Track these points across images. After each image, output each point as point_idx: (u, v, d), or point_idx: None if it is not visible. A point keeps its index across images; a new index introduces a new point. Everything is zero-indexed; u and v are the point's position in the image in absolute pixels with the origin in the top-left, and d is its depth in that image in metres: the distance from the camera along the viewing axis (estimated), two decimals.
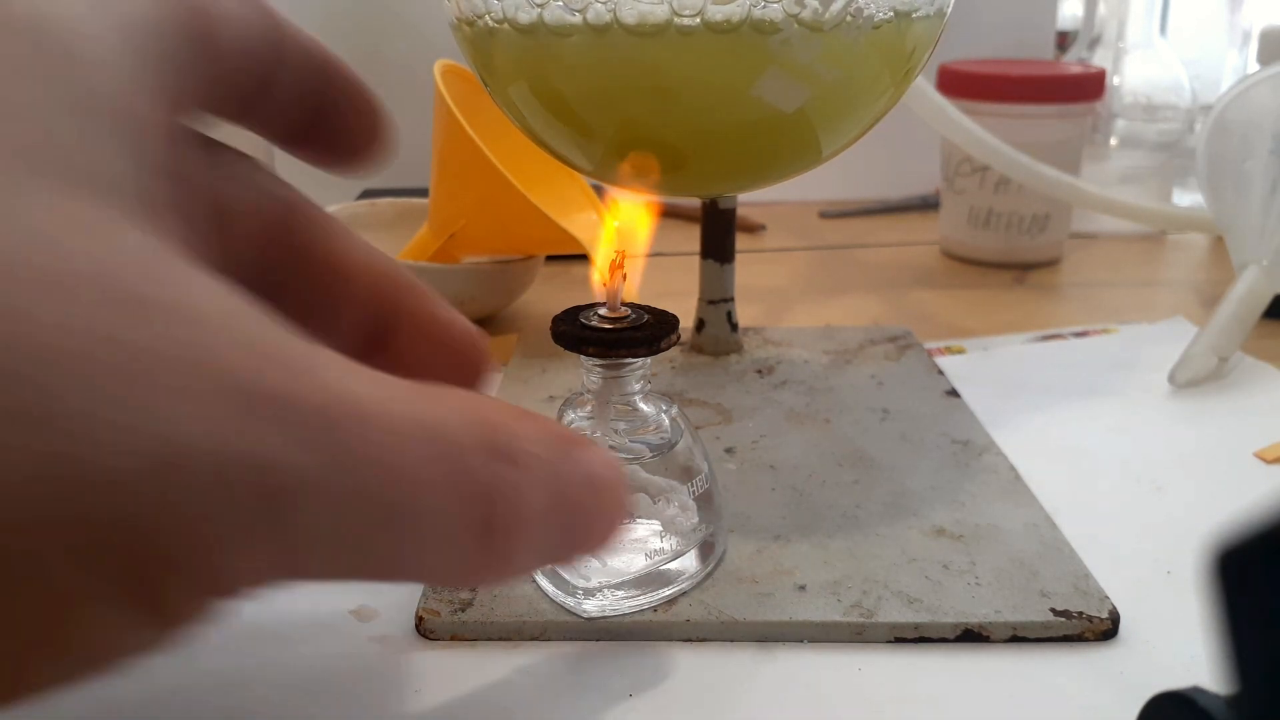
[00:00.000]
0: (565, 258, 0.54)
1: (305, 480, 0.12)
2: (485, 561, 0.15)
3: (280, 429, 0.12)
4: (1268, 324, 0.42)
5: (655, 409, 0.24)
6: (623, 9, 0.24)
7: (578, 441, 0.17)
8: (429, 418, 0.14)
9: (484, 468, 0.14)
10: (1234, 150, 0.41)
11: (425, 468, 0.13)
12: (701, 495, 0.24)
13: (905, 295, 0.50)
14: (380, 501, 0.13)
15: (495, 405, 0.15)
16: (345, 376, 0.13)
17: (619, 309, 0.23)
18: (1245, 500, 0.29)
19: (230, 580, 0.12)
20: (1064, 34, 0.75)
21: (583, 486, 0.16)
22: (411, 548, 0.14)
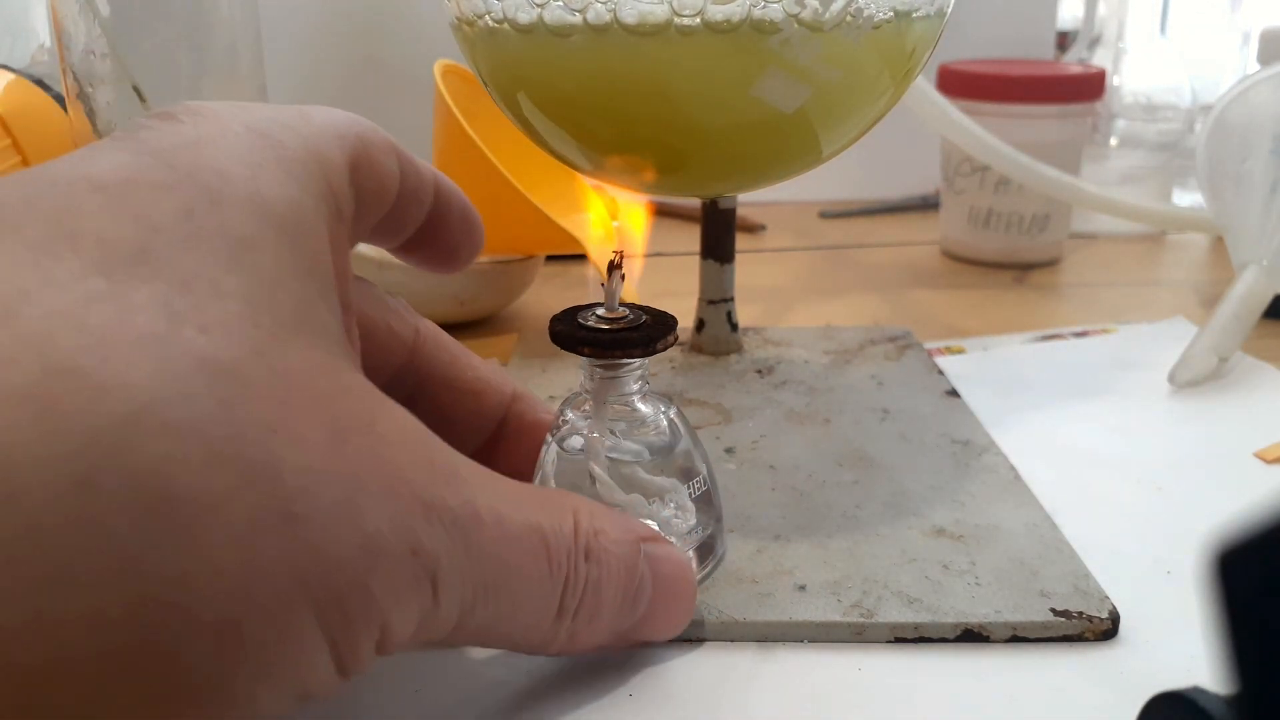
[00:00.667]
0: (565, 258, 0.54)
1: (449, 565, 0.16)
2: (560, 639, 0.19)
3: (439, 528, 0.16)
4: (1268, 324, 0.42)
5: (654, 409, 0.24)
6: (623, 9, 0.24)
7: (652, 539, 0.21)
8: (534, 522, 0.18)
9: (570, 564, 0.19)
10: (1234, 150, 0.41)
11: (526, 562, 0.18)
12: (700, 496, 0.24)
13: (905, 295, 0.50)
14: (492, 584, 0.17)
15: (586, 508, 0.20)
16: (483, 488, 0.17)
17: (616, 309, 0.23)
18: (1245, 500, 0.29)
19: (390, 636, 0.16)
20: (1064, 34, 0.75)
21: (652, 582, 0.21)
22: (507, 621, 0.18)
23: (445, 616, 0.17)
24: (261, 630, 0.14)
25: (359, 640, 0.15)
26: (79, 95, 0.35)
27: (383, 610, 0.15)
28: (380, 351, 0.23)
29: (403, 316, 0.23)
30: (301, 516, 0.14)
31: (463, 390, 0.24)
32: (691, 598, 0.22)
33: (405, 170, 0.21)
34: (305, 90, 0.62)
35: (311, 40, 0.62)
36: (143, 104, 0.34)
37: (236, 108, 0.18)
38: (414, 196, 0.21)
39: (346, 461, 0.15)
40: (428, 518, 0.16)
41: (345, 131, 0.19)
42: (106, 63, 0.34)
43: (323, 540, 0.14)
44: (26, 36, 0.53)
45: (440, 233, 0.22)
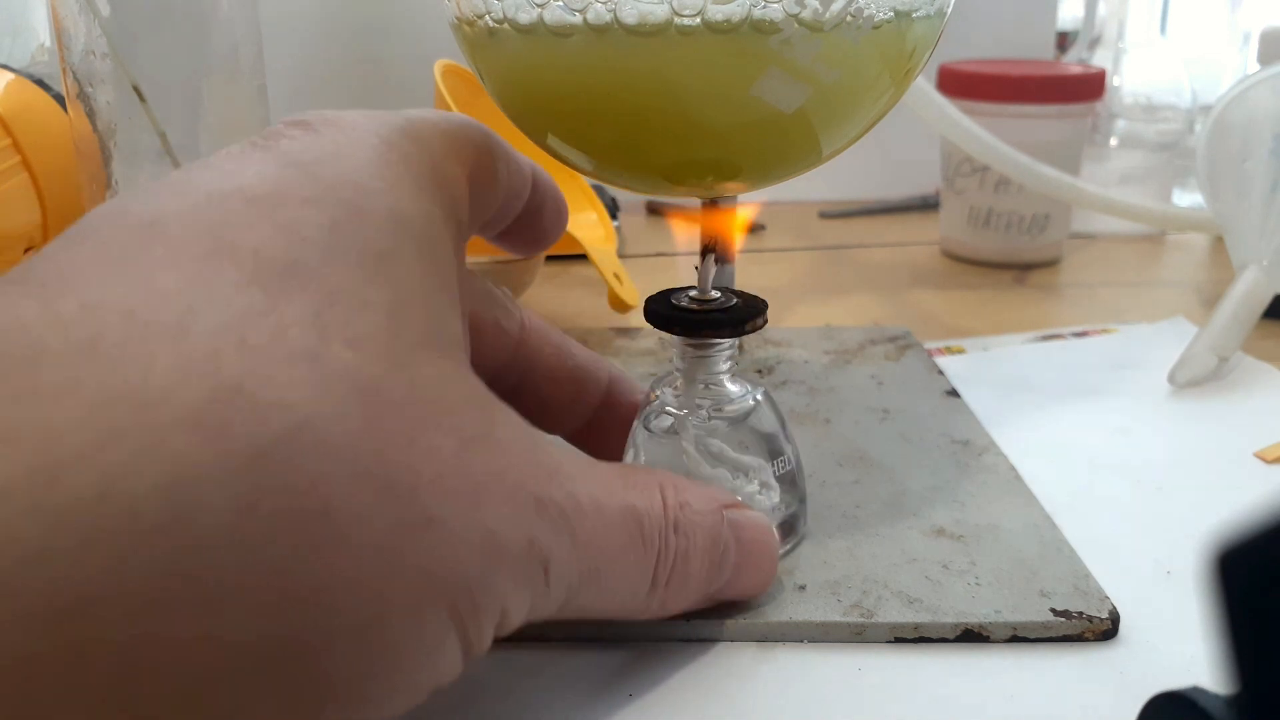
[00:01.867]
0: (565, 258, 0.54)
1: (558, 554, 0.17)
2: (653, 606, 0.20)
3: (547, 523, 0.17)
4: (1268, 324, 0.42)
5: (742, 389, 0.25)
6: (623, 9, 0.24)
7: (733, 505, 0.22)
8: (628, 504, 0.19)
9: (661, 540, 0.20)
10: (1234, 150, 0.41)
11: (623, 543, 0.19)
12: (784, 476, 0.25)
13: (905, 295, 0.50)
14: (595, 566, 0.18)
15: (672, 482, 0.21)
16: (583, 479, 0.18)
17: (708, 292, 0.24)
18: (1245, 500, 0.29)
19: (507, 620, 0.17)
20: (1064, 34, 0.75)
21: (736, 548, 0.22)
22: (606, 596, 0.19)
23: (554, 599, 0.18)
24: (400, 630, 0.15)
25: (484, 629, 0.16)
26: (79, 95, 0.35)
27: (504, 600, 0.16)
28: (488, 347, 0.24)
29: (510, 311, 0.24)
30: (435, 523, 0.15)
31: (565, 379, 0.26)
32: (774, 557, 0.23)
33: (510, 170, 0.22)
34: (305, 90, 0.62)
35: (311, 40, 0.62)
36: (142, 104, 0.34)
37: (365, 117, 0.19)
38: (516, 194, 0.22)
39: (472, 469, 0.16)
40: (540, 513, 0.17)
41: (462, 140, 0.20)
42: (106, 63, 0.34)
43: (454, 543, 0.15)
44: (26, 36, 0.53)
45: (535, 221, 0.24)
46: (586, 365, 0.26)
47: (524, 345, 0.25)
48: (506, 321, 0.24)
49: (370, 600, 0.14)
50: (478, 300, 0.24)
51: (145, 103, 0.35)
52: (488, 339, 0.24)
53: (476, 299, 0.24)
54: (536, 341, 0.25)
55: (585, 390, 0.26)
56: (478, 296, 0.24)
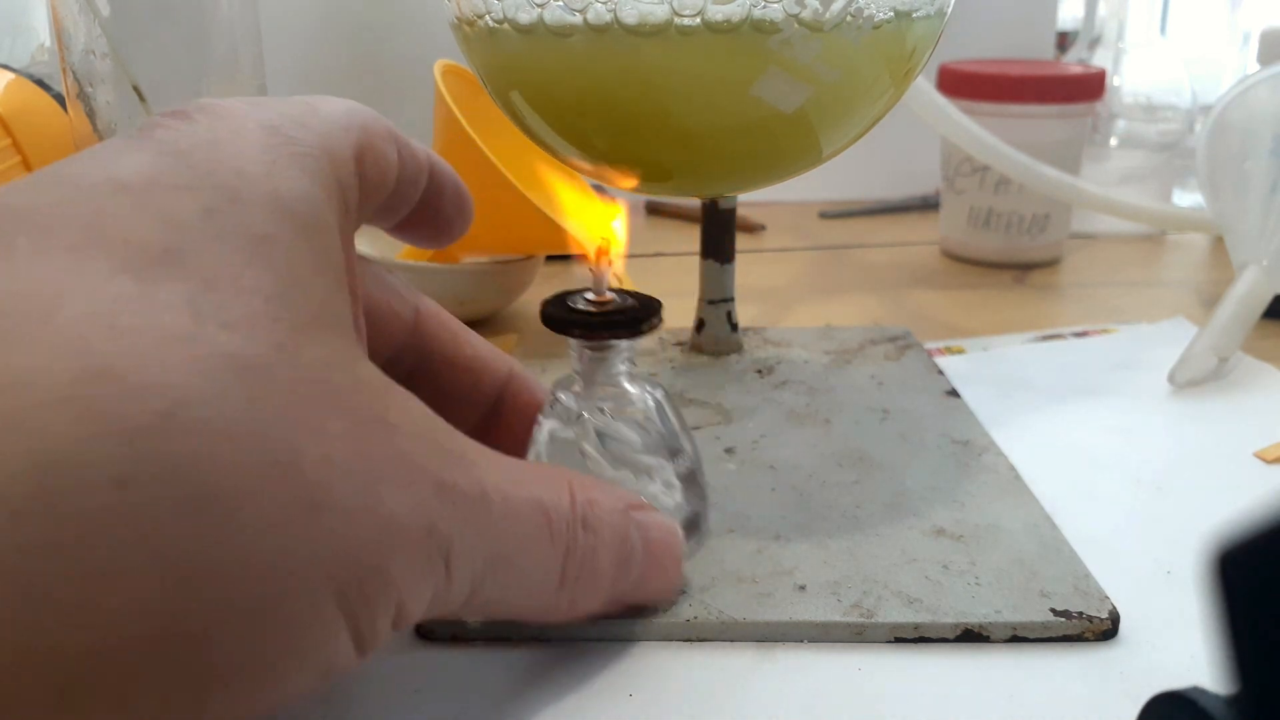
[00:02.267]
0: (565, 258, 0.54)
1: (461, 543, 0.17)
2: (562, 606, 0.20)
3: (451, 508, 0.17)
4: (1268, 324, 0.42)
5: (640, 390, 0.25)
6: (623, 9, 0.24)
7: (639, 507, 0.22)
8: (535, 496, 0.19)
9: (569, 534, 0.20)
10: (1234, 150, 0.41)
11: (530, 534, 0.19)
12: (685, 474, 0.25)
13: (905, 295, 0.50)
14: (501, 558, 0.18)
15: (580, 481, 0.21)
16: (489, 468, 0.18)
17: (604, 294, 0.24)
18: (1245, 500, 0.29)
19: (405, 610, 0.16)
20: (1064, 34, 0.75)
21: (642, 547, 0.22)
22: (513, 591, 0.19)
23: (457, 591, 0.17)
24: (288, 614, 0.15)
25: (377, 619, 0.16)
26: (79, 95, 0.35)
27: (400, 590, 0.16)
28: (382, 330, 0.24)
29: (403, 296, 0.24)
30: (324, 505, 0.15)
31: (461, 368, 0.25)
32: (679, 560, 0.23)
33: (403, 155, 0.21)
34: (305, 90, 0.62)
35: (311, 40, 0.62)
36: (142, 104, 0.34)
37: (247, 104, 0.18)
38: (411, 179, 0.22)
39: (364, 451, 0.16)
40: (441, 499, 0.17)
41: (349, 123, 0.20)
42: (106, 63, 0.34)
43: (344, 526, 0.15)
44: (26, 36, 0.53)
45: (435, 211, 0.23)
46: (484, 355, 0.26)
47: (418, 331, 0.24)
48: (400, 306, 0.24)
49: (258, 584, 0.14)
50: (371, 282, 0.23)
51: (145, 103, 0.35)
52: (381, 323, 0.23)
53: (369, 281, 0.23)
54: (432, 328, 0.25)
55: (482, 380, 0.25)
56: (371, 278, 0.23)
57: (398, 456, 0.16)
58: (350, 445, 0.15)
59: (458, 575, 0.17)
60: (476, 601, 0.18)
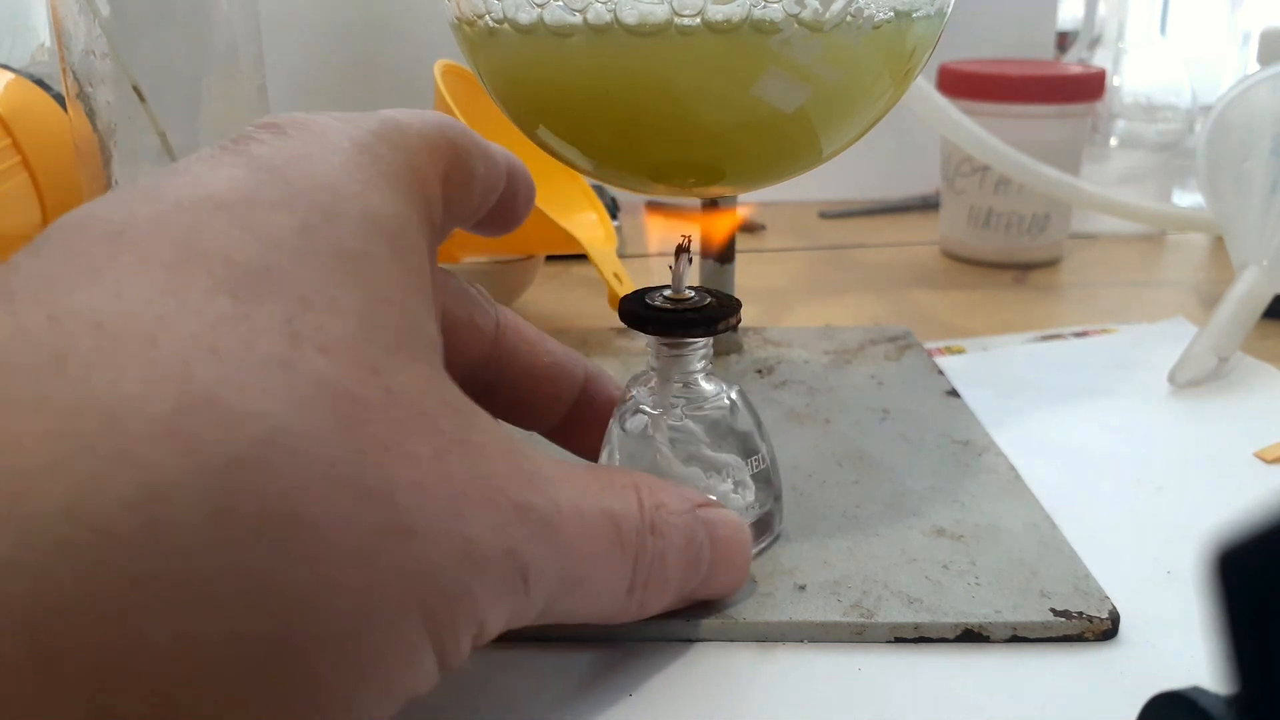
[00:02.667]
0: (565, 258, 0.54)
1: (539, 562, 0.17)
2: (631, 609, 0.20)
3: (528, 530, 0.17)
4: (1268, 324, 0.42)
5: (717, 388, 0.25)
6: (623, 9, 0.24)
7: (705, 504, 0.22)
8: (606, 508, 0.19)
9: (639, 542, 0.20)
10: (1234, 150, 0.41)
11: (602, 547, 0.19)
12: (759, 474, 0.25)
13: (905, 295, 0.50)
14: (575, 573, 0.18)
15: (647, 484, 0.21)
16: (562, 484, 0.18)
17: (683, 291, 0.24)
18: (1245, 500, 0.29)
19: (486, 630, 0.17)
20: (1064, 34, 0.75)
21: (710, 546, 0.22)
22: (585, 601, 0.19)
23: (533, 607, 0.18)
24: (379, 640, 0.15)
25: (460, 639, 0.16)
26: (79, 95, 0.35)
27: (481, 609, 0.16)
28: (464, 343, 0.24)
29: (484, 309, 0.24)
30: (413, 530, 0.15)
31: (541, 376, 0.25)
32: (747, 555, 0.23)
33: (487, 166, 0.21)
34: (305, 90, 0.62)
35: (311, 40, 0.62)
36: (142, 104, 0.34)
37: (338, 119, 0.19)
38: (492, 187, 0.22)
39: (450, 475, 0.16)
40: (520, 520, 0.17)
41: (438, 141, 0.20)
42: (106, 63, 0.34)
43: (431, 551, 0.15)
44: (26, 36, 0.53)
45: (508, 208, 0.23)
46: (562, 361, 0.26)
47: (500, 343, 0.25)
48: (482, 319, 0.24)
49: (350, 606, 0.14)
50: (453, 298, 0.24)
51: (145, 103, 0.35)
52: (463, 337, 0.24)
53: (451, 297, 0.24)
54: (512, 338, 0.25)
55: (561, 386, 0.26)
56: (452, 294, 0.24)
57: (480, 479, 0.16)
58: (437, 470, 0.16)
59: (535, 593, 0.17)
60: (551, 614, 0.18)
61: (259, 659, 0.14)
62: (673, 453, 0.24)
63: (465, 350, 0.24)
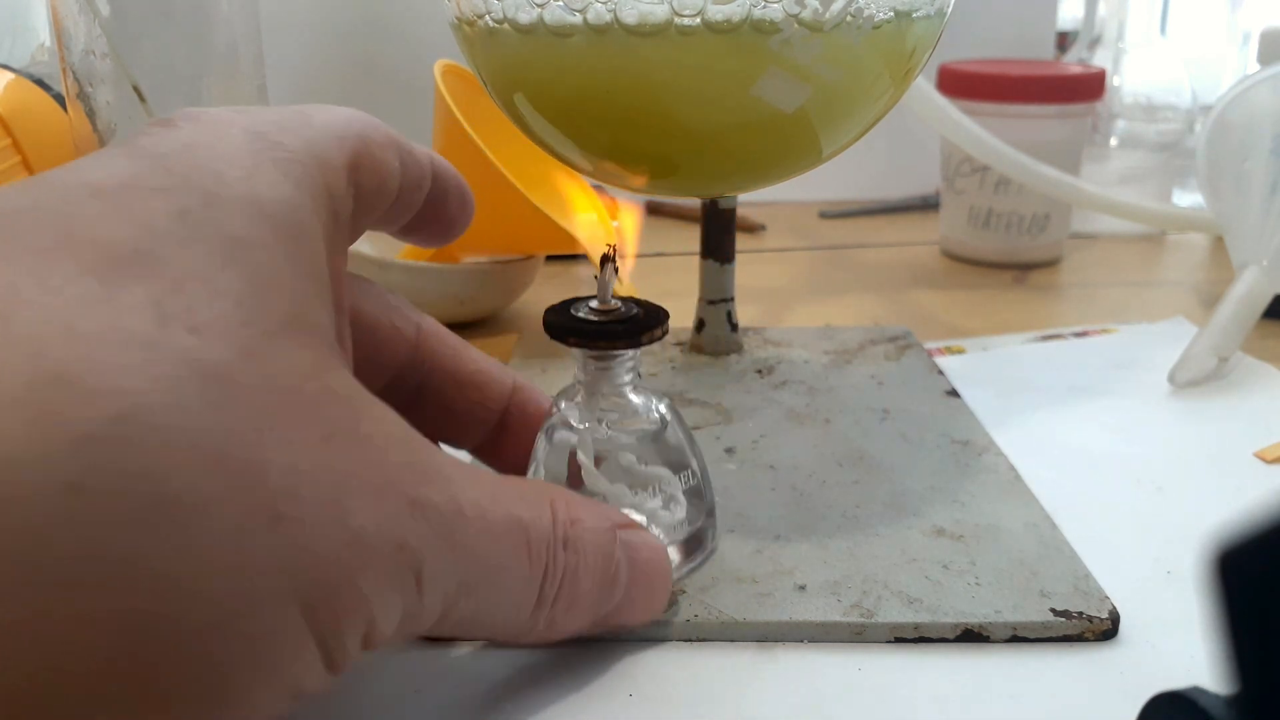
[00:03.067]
0: (565, 258, 0.54)
1: (433, 560, 0.17)
2: (539, 627, 0.20)
3: (422, 524, 0.16)
4: (1268, 324, 0.42)
5: (646, 400, 0.24)
6: (623, 9, 0.24)
7: (627, 525, 0.21)
8: (514, 515, 0.19)
9: (549, 554, 0.19)
10: (1234, 150, 0.41)
11: (508, 554, 0.18)
12: (690, 489, 0.24)
13: (905, 295, 0.50)
14: (475, 577, 0.18)
15: (564, 497, 0.20)
16: (465, 484, 0.18)
17: (609, 302, 0.24)
18: (1245, 500, 0.29)
19: (377, 628, 0.16)
20: (1064, 34, 0.75)
21: (629, 568, 0.21)
22: (489, 611, 0.18)
23: (429, 610, 0.17)
24: (253, 628, 0.14)
25: (346, 636, 0.15)
26: (79, 95, 0.35)
27: (369, 606, 0.16)
28: (384, 349, 0.23)
29: (404, 314, 0.24)
30: (289, 516, 0.14)
31: (466, 383, 0.25)
32: (667, 582, 0.23)
33: (405, 162, 0.21)
34: (305, 90, 0.62)
35: (311, 40, 0.62)
36: (143, 104, 0.34)
37: (235, 111, 0.18)
38: (415, 185, 0.22)
39: (333, 462, 0.15)
40: (413, 514, 0.16)
41: (344, 132, 0.19)
42: (106, 63, 0.34)
43: (310, 539, 0.15)
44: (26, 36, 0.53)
45: (439, 212, 0.23)
46: (487, 370, 0.25)
47: (421, 347, 0.24)
48: (401, 323, 0.24)
49: (220, 595, 0.14)
50: (371, 301, 0.23)
51: (145, 103, 0.35)
52: (383, 340, 0.23)
53: (370, 299, 0.23)
54: (434, 344, 0.24)
55: (488, 395, 0.25)
56: (371, 299, 0.23)
57: (368, 469, 0.16)
58: (318, 456, 0.15)
59: (429, 594, 0.17)
60: (449, 621, 0.18)
61: (121, 643, 0.13)
62: (599, 469, 0.23)
63: (386, 354, 0.23)
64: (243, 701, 0.14)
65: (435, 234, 0.24)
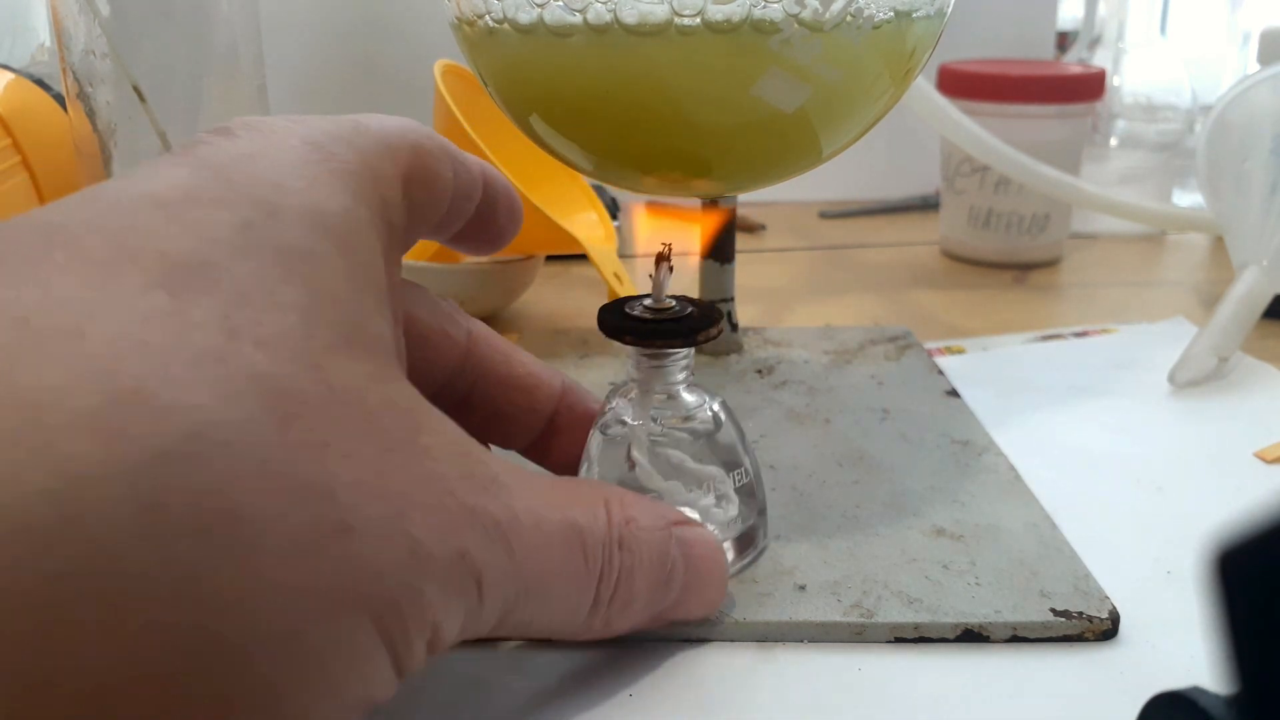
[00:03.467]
0: (565, 258, 0.54)
1: (493, 567, 0.17)
2: (596, 626, 0.20)
3: (480, 534, 0.17)
4: (1268, 324, 0.42)
5: (699, 399, 0.25)
6: (623, 9, 0.24)
7: (682, 522, 0.22)
8: (569, 519, 0.19)
9: (604, 556, 0.19)
10: (1234, 150, 0.41)
11: (563, 559, 0.19)
12: (742, 487, 0.25)
13: (905, 295, 0.50)
14: (533, 582, 0.18)
15: (618, 497, 0.20)
16: (521, 491, 0.18)
17: (663, 300, 0.24)
18: (1245, 500, 0.29)
19: (440, 635, 0.16)
20: (1064, 34, 0.75)
21: (685, 566, 0.21)
22: (546, 613, 0.19)
23: (489, 615, 0.17)
24: (321, 641, 0.14)
25: (413, 642, 0.16)
26: (79, 95, 0.35)
27: (434, 612, 0.16)
28: (435, 355, 0.23)
29: (455, 320, 0.24)
30: (354, 529, 0.15)
31: (516, 387, 0.25)
32: (724, 576, 0.23)
33: (458, 171, 0.21)
34: (305, 90, 0.62)
35: (311, 40, 0.62)
36: (143, 104, 0.34)
37: (292, 121, 0.18)
38: (467, 195, 0.22)
39: (394, 475, 0.16)
40: (472, 524, 0.17)
41: (398, 142, 0.19)
42: (106, 63, 0.34)
43: (374, 550, 0.15)
44: (26, 36, 0.53)
45: (489, 221, 0.23)
46: (538, 372, 0.25)
47: (472, 353, 0.24)
48: (453, 329, 0.24)
49: (286, 604, 0.14)
50: (423, 309, 0.23)
51: (145, 103, 0.35)
52: (435, 347, 0.23)
53: (422, 308, 0.23)
54: (484, 349, 0.25)
55: (537, 398, 0.25)
56: (423, 305, 0.23)
57: (428, 480, 0.16)
58: (380, 468, 0.15)
59: (490, 599, 0.17)
60: (508, 623, 0.18)
61: (193, 657, 0.13)
62: (653, 466, 0.24)
63: (438, 360, 0.24)
64: (318, 710, 0.15)
65: (485, 242, 0.24)
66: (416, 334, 0.23)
